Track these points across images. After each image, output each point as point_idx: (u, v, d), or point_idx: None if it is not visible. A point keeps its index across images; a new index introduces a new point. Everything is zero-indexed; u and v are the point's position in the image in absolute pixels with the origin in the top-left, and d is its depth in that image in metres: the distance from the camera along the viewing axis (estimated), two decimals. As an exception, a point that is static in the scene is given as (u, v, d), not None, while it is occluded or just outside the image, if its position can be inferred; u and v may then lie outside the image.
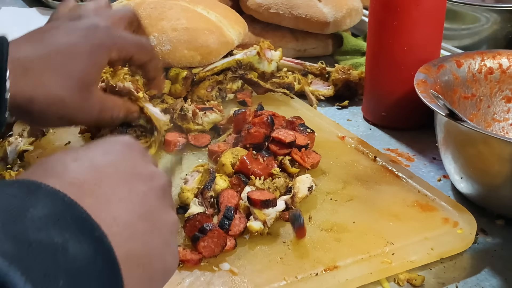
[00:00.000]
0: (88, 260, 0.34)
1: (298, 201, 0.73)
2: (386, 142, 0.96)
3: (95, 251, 0.34)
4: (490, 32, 1.18)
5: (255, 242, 0.68)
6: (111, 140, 0.45)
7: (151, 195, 0.42)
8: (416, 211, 0.74)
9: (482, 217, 0.76)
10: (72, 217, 0.35)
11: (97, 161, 0.41)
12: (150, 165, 0.45)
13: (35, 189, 0.35)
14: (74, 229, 0.34)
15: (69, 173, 0.38)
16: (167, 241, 0.43)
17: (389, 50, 0.94)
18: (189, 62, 0.96)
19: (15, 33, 1.42)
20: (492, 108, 0.89)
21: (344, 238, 0.69)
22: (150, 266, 0.40)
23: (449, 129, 0.76)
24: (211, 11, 1.03)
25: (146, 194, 0.42)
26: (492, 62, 0.89)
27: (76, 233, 0.34)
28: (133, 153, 0.44)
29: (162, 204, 0.43)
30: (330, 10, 1.21)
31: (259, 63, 1.02)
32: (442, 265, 0.68)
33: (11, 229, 0.32)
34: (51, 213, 0.34)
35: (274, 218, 0.70)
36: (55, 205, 0.35)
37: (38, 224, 0.33)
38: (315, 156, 0.82)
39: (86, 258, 0.34)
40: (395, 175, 0.82)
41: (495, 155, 0.71)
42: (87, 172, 0.39)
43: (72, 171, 0.39)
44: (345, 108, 1.07)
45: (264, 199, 0.69)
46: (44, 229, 0.33)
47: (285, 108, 1.00)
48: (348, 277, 0.64)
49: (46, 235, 0.33)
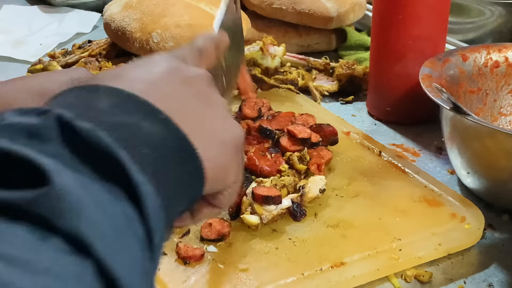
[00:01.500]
0: (162, 137, 0.36)
1: (307, 201, 0.72)
2: (391, 137, 0.95)
3: (166, 130, 0.36)
4: (495, 25, 1.17)
5: (261, 239, 0.68)
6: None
7: (198, 85, 0.43)
8: (423, 207, 0.74)
9: (489, 212, 0.75)
10: (136, 105, 0.36)
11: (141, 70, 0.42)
12: (200, 73, 0.45)
13: (94, 89, 0.37)
14: (141, 114, 0.36)
15: (121, 80, 0.39)
16: (224, 115, 0.44)
17: (394, 45, 0.93)
18: (192, 58, 0.95)
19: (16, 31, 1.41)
20: (498, 102, 0.89)
21: (351, 235, 0.69)
22: (215, 137, 0.41)
23: (455, 123, 0.75)
24: (213, 7, 1.02)
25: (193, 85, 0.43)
26: (498, 56, 0.88)
27: (144, 116, 0.36)
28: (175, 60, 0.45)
29: (211, 89, 0.44)
30: (334, 5, 1.21)
31: (263, 58, 1.02)
32: (450, 260, 0.68)
33: (86, 118, 0.33)
34: (116, 103, 0.36)
35: (273, 215, 0.69)
36: (117, 97, 0.36)
37: (108, 112, 0.35)
38: (327, 153, 0.81)
39: (160, 135, 0.36)
40: (401, 170, 0.81)
41: (502, 150, 0.70)
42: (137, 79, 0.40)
43: (123, 80, 0.39)
44: (350, 104, 1.06)
45: (267, 195, 0.69)
46: (115, 115, 0.35)
47: (290, 104, 0.99)
48: (355, 273, 0.63)
49: (120, 118, 0.34)
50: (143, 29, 1.00)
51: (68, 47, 1.21)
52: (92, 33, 1.37)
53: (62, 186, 0.28)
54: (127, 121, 0.35)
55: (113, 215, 0.30)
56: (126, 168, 0.31)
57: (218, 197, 0.43)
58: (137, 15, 1.02)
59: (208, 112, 0.42)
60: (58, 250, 0.27)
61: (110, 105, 0.35)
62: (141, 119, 0.35)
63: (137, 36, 1.01)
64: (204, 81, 0.44)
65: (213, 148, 0.40)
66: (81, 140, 0.31)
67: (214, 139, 0.41)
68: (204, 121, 0.41)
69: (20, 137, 0.30)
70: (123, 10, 1.06)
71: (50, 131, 0.31)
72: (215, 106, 0.43)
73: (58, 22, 1.42)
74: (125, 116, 0.35)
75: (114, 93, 0.37)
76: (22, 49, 1.27)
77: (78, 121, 0.32)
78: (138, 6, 1.03)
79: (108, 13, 1.11)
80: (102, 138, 0.32)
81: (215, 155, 0.40)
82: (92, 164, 0.31)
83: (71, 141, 0.31)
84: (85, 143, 0.31)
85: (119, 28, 1.04)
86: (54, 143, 0.31)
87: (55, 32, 1.37)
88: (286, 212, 0.71)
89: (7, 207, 0.27)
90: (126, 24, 1.03)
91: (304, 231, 0.69)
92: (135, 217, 0.31)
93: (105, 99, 0.36)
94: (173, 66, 0.43)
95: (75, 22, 1.41)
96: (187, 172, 0.37)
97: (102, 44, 1.12)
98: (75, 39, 1.33)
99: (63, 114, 0.32)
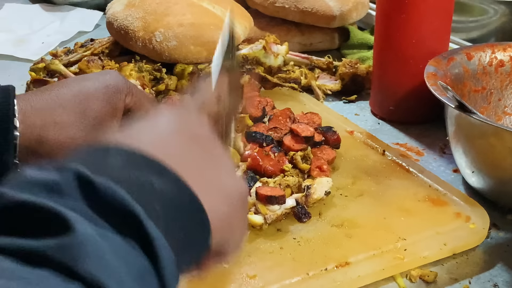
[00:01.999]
0: (173, 194, 0.37)
1: (312, 202, 0.72)
2: (394, 136, 0.95)
3: (178, 188, 0.38)
4: (498, 24, 1.16)
5: (266, 239, 0.68)
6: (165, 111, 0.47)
7: (205, 143, 0.45)
8: (427, 206, 0.73)
9: (494, 211, 0.75)
10: (147, 164, 0.38)
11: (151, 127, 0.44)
12: (205, 127, 0.47)
13: (106, 149, 0.38)
14: (152, 172, 0.37)
15: (130, 140, 0.40)
16: (229, 171, 0.46)
17: (397, 43, 0.93)
18: (195, 58, 0.95)
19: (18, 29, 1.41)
20: (503, 101, 0.88)
21: (355, 234, 0.69)
22: (221, 192, 0.43)
23: (460, 122, 0.75)
24: (216, 5, 1.02)
25: (200, 142, 0.45)
26: (502, 55, 0.88)
27: (155, 174, 0.37)
28: (187, 116, 0.47)
29: (217, 146, 0.46)
30: (336, 4, 1.20)
31: (265, 57, 1.01)
32: (455, 260, 0.68)
33: (97, 172, 0.34)
34: (127, 162, 0.37)
35: (277, 215, 0.69)
36: (128, 157, 0.38)
37: (119, 170, 0.36)
38: (331, 153, 0.81)
39: (172, 192, 0.37)
40: (406, 169, 0.81)
41: (507, 149, 0.70)
42: (146, 138, 0.42)
43: (132, 139, 0.41)
44: (353, 103, 1.06)
45: (270, 195, 0.69)
46: (127, 172, 0.36)
47: (293, 103, 0.99)
48: (360, 273, 0.63)
49: (132, 176, 0.36)
50: (146, 28, 1.00)
51: (70, 46, 1.20)
52: (94, 32, 1.37)
53: (84, 234, 0.30)
54: (140, 178, 0.36)
55: (131, 265, 0.32)
56: (142, 223, 0.33)
57: (223, 249, 0.45)
58: (139, 14, 1.02)
59: (215, 168, 0.44)
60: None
61: (122, 164, 0.37)
62: (152, 177, 0.37)
63: (140, 35, 1.00)
64: (211, 138, 0.46)
65: (220, 202, 0.43)
66: (99, 194, 0.33)
67: (221, 193, 0.43)
68: (211, 177, 0.43)
69: (41, 191, 0.32)
70: (126, 9, 1.05)
71: (69, 185, 0.33)
72: (221, 162, 0.46)
73: (60, 21, 1.41)
74: (137, 174, 0.36)
75: (125, 153, 0.38)
76: (24, 48, 1.27)
77: (96, 177, 0.33)
78: (140, 4, 1.03)
79: (110, 11, 1.10)
80: (118, 193, 0.33)
81: (222, 209, 0.43)
82: (109, 217, 0.33)
83: (89, 196, 0.33)
84: (102, 198, 0.33)
85: (121, 26, 1.04)
86: (73, 197, 0.33)
87: (57, 30, 1.37)
88: (290, 211, 0.71)
89: (30, 253, 0.29)
90: (129, 23, 1.02)
91: (309, 231, 0.69)
92: (151, 270, 0.33)
93: (116, 158, 0.37)
94: (180, 123, 0.45)
95: (77, 21, 1.41)
96: (195, 226, 0.39)
97: (104, 42, 1.11)
98: (77, 37, 1.33)
99: (81, 169, 0.33)
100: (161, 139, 0.42)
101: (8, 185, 0.32)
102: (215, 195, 0.42)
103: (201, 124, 0.47)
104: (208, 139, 0.46)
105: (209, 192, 0.41)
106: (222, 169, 0.45)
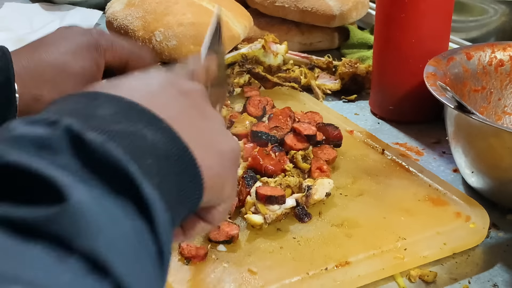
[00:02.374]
0: (165, 145, 0.36)
1: (312, 203, 0.72)
2: (394, 136, 0.95)
3: (168, 139, 0.36)
4: (498, 24, 1.16)
5: (266, 239, 0.68)
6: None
7: (195, 98, 0.43)
8: (427, 206, 0.73)
9: (493, 211, 0.75)
10: (138, 113, 0.36)
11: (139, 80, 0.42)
12: (196, 85, 0.46)
13: (95, 96, 0.37)
14: (144, 122, 0.36)
15: (119, 90, 0.39)
16: (221, 127, 0.44)
17: (397, 43, 0.93)
18: (195, 57, 0.95)
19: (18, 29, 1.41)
20: (502, 100, 0.88)
21: (355, 234, 0.69)
22: (213, 148, 0.41)
23: (459, 122, 0.75)
24: (216, 4, 1.02)
25: (190, 97, 0.43)
26: (502, 54, 0.88)
27: (147, 124, 0.36)
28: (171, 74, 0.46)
29: (207, 103, 0.45)
30: (336, 3, 1.20)
31: (265, 56, 1.01)
32: (454, 260, 0.68)
33: (88, 125, 0.33)
34: (117, 111, 0.36)
35: (277, 215, 0.69)
36: (118, 105, 0.36)
37: (110, 120, 0.34)
38: (331, 152, 0.81)
39: (164, 143, 0.36)
40: (405, 169, 0.81)
41: (506, 149, 0.70)
42: (136, 89, 0.40)
43: (122, 89, 0.39)
44: (352, 102, 1.06)
45: (270, 194, 0.69)
46: (118, 123, 0.34)
47: (293, 102, 0.99)
48: (360, 273, 0.63)
49: (123, 127, 0.34)
50: (146, 27, 1.00)
51: (70, 45, 1.20)
52: (94, 31, 1.37)
53: (79, 202, 0.28)
54: (131, 129, 0.34)
55: (127, 232, 0.30)
56: (137, 183, 0.31)
57: (211, 212, 0.43)
58: (139, 13, 1.02)
59: (206, 123, 0.42)
60: (76, 271, 0.27)
61: (112, 113, 0.35)
62: (144, 128, 0.35)
63: (139, 35, 1.00)
64: (200, 94, 0.44)
65: (212, 158, 0.40)
66: (92, 152, 0.31)
67: (213, 149, 0.41)
68: (203, 132, 0.41)
69: (30, 149, 0.30)
70: (126, 8, 1.05)
71: (60, 142, 0.31)
72: (212, 118, 0.44)
73: (60, 20, 1.41)
74: (128, 124, 0.35)
75: (114, 101, 0.36)
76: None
77: (88, 133, 0.31)
78: (140, 4, 1.03)
79: (110, 11, 1.10)
80: (112, 151, 0.31)
81: (214, 165, 0.40)
82: (103, 177, 0.31)
83: (82, 154, 0.31)
84: (96, 156, 0.31)
85: (121, 26, 1.04)
86: (65, 156, 0.30)
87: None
88: (290, 211, 0.71)
89: (22, 225, 0.27)
90: (129, 22, 1.02)
91: (309, 230, 0.69)
92: (147, 233, 0.31)
93: (106, 107, 0.35)
94: (170, 79, 0.43)
95: (77, 20, 1.41)
96: (187, 181, 0.37)
97: (104, 42, 1.11)
98: (76, 37, 1.32)
99: (72, 125, 0.31)
100: (152, 91, 0.40)
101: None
102: (207, 151, 0.40)
103: (192, 83, 0.45)
104: (199, 95, 0.44)
105: (201, 147, 0.39)
106: (214, 125, 0.43)
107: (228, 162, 0.42)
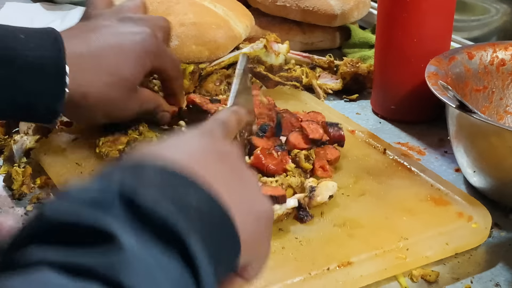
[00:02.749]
0: (208, 210, 0.38)
1: (315, 204, 0.72)
2: (396, 135, 0.95)
3: (212, 204, 0.39)
4: (500, 23, 1.16)
5: (268, 239, 0.68)
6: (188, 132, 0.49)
7: (232, 161, 0.46)
8: (429, 206, 0.73)
9: (496, 211, 0.75)
10: (183, 179, 0.38)
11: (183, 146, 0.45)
12: (232, 147, 0.48)
13: (140, 167, 0.39)
14: (189, 188, 0.38)
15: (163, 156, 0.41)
16: (256, 190, 0.47)
17: (399, 43, 0.93)
18: (197, 57, 0.95)
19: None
20: (504, 100, 0.88)
21: (357, 234, 0.69)
22: (250, 211, 0.44)
23: (461, 122, 0.75)
24: (218, 4, 1.02)
25: (228, 161, 0.46)
26: (504, 54, 0.88)
27: (191, 190, 0.38)
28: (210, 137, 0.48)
29: (243, 165, 0.48)
30: (338, 3, 1.20)
31: (267, 56, 1.01)
32: (456, 260, 0.68)
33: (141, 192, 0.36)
34: (164, 175, 0.38)
35: (278, 215, 0.69)
36: (164, 171, 0.39)
37: (157, 184, 0.37)
38: (334, 152, 0.81)
39: (206, 208, 0.38)
40: (407, 169, 0.81)
41: (508, 148, 0.70)
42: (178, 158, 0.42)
43: (165, 156, 0.41)
44: (354, 102, 1.06)
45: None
46: (164, 186, 0.37)
47: (294, 102, 0.99)
48: (363, 273, 0.63)
49: (169, 191, 0.37)
50: (147, 27, 1.00)
51: (71, 45, 1.20)
52: (95, 31, 1.37)
53: (131, 249, 0.31)
54: (178, 195, 0.37)
55: (174, 280, 0.32)
56: (187, 243, 0.34)
57: (248, 269, 0.46)
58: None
59: (243, 186, 0.45)
60: None
61: (159, 179, 0.37)
62: (189, 193, 0.38)
63: (141, 34, 1.00)
64: (237, 157, 0.47)
65: (249, 220, 0.43)
66: (142, 211, 0.34)
67: (250, 211, 0.44)
68: (241, 195, 0.44)
69: (85, 207, 0.33)
70: (127, 8, 1.05)
71: (112, 203, 0.34)
72: (249, 180, 0.46)
73: (61, 20, 1.41)
74: (175, 190, 0.37)
75: (160, 168, 0.39)
76: (25, 47, 1.27)
77: (138, 195, 0.34)
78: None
79: (111, 10, 1.10)
80: (161, 211, 0.34)
81: (251, 226, 0.43)
82: (153, 234, 0.33)
83: (133, 213, 0.34)
84: (146, 214, 0.34)
85: (123, 26, 1.03)
86: (117, 213, 0.33)
87: (58, 29, 1.37)
88: (292, 211, 0.70)
89: (78, 268, 0.30)
90: (130, 22, 1.02)
91: (311, 230, 0.69)
92: (192, 284, 0.34)
93: (153, 173, 0.38)
94: (206, 144, 0.46)
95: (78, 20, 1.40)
96: (226, 245, 0.40)
97: (105, 42, 1.11)
98: (78, 36, 1.32)
99: (123, 188, 0.34)
100: (194, 157, 0.43)
101: (54, 205, 0.34)
102: (244, 214, 0.43)
103: (227, 144, 0.48)
104: (235, 159, 0.47)
105: (238, 211, 0.41)
106: (250, 189, 0.46)
107: (263, 222, 0.45)
